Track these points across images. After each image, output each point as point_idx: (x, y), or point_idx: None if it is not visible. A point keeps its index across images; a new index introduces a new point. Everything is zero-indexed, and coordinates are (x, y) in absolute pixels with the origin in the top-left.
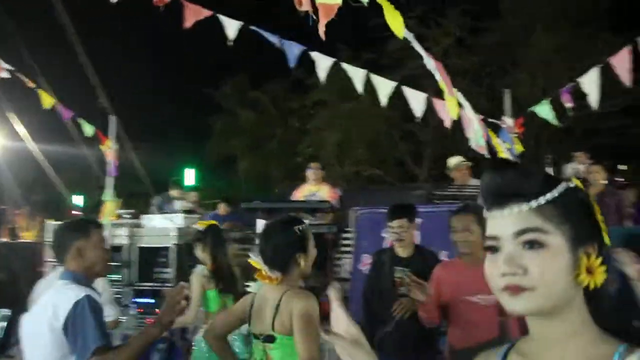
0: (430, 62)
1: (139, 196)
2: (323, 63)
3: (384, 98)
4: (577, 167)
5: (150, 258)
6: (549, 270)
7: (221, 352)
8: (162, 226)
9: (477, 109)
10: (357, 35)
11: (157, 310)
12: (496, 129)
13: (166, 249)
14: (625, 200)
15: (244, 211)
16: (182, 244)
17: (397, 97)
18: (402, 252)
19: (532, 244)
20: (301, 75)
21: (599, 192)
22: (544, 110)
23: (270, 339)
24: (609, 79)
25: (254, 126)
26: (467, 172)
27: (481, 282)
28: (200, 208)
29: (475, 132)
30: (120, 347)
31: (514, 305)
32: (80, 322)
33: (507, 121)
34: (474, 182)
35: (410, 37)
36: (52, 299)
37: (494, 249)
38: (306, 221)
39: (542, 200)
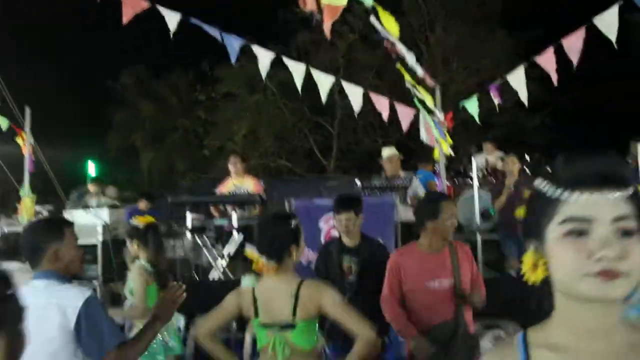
0: (412, 59)
1: (46, 193)
2: (264, 57)
3: (323, 94)
4: (486, 157)
5: None
6: (639, 257)
7: (220, 353)
8: (86, 222)
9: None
10: (263, 27)
11: None
12: None
13: (93, 246)
14: None
15: (168, 206)
16: (109, 240)
17: (306, 90)
18: (349, 242)
19: (627, 232)
20: (206, 67)
21: (515, 181)
22: (472, 106)
23: (289, 326)
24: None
25: (155, 118)
26: (398, 163)
27: (439, 267)
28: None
29: (431, 126)
30: (132, 343)
31: (607, 291)
32: (94, 320)
33: (439, 116)
34: (403, 173)
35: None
36: (53, 300)
37: (579, 233)
38: (234, 214)
39: (632, 189)
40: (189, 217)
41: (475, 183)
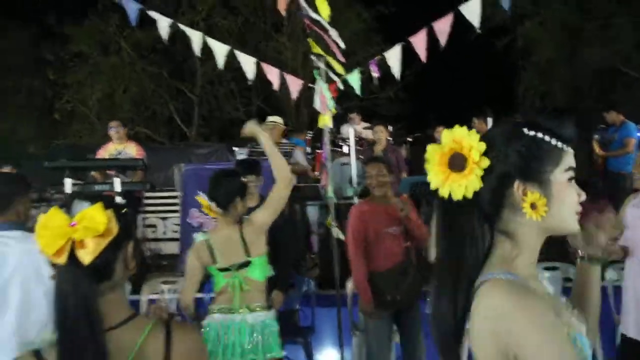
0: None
1: None
2: (162, 23)
3: (220, 60)
4: (354, 127)
5: None
6: None
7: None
8: None
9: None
10: None
11: None
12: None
13: None
14: (402, 156)
15: (43, 170)
16: None
17: (164, 54)
18: (249, 203)
19: None
20: (52, 23)
21: (383, 148)
22: (354, 79)
23: (246, 264)
24: None
25: None
26: (280, 131)
27: (392, 216)
28: None
29: (326, 96)
30: None
31: (577, 225)
32: None
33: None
34: (285, 140)
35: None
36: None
37: (573, 179)
38: (117, 179)
39: None
40: (68, 182)
41: (353, 150)
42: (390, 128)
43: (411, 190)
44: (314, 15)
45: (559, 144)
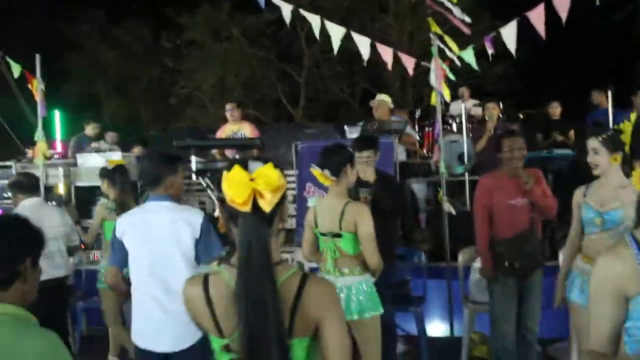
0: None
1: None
2: (285, 9)
3: (336, 42)
4: (463, 104)
5: (88, 196)
6: None
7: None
8: (99, 165)
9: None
10: None
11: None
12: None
13: None
14: None
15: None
16: None
17: (272, 38)
18: (363, 176)
19: None
20: (171, 13)
21: (494, 126)
22: (469, 56)
23: (338, 235)
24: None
25: (117, 66)
26: (386, 108)
27: (517, 188)
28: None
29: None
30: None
31: None
32: (209, 233)
33: (433, 63)
34: (394, 118)
35: None
36: (183, 216)
37: None
38: (236, 157)
39: None
40: (194, 159)
41: (464, 127)
42: (500, 105)
43: (526, 166)
44: None
45: None
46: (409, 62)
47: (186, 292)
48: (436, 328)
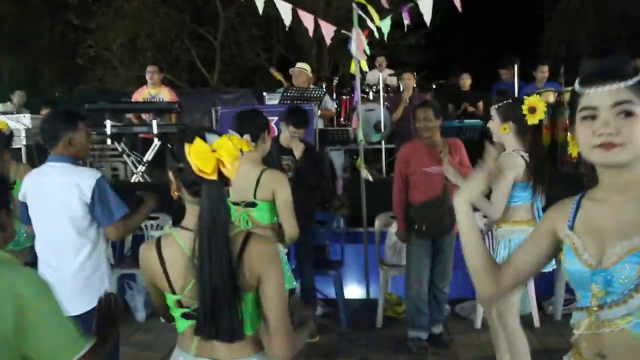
0: None
1: None
2: None
3: (260, 6)
4: (380, 73)
5: None
6: (637, 132)
7: None
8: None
9: None
10: None
11: None
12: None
13: (17, 149)
14: None
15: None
16: (32, 145)
17: None
18: (286, 144)
19: (626, 113)
20: None
21: (411, 95)
22: (386, 26)
23: (252, 204)
24: None
25: (15, 21)
26: (307, 77)
27: (434, 157)
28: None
29: (364, 43)
30: (132, 216)
31: (606, 157)
32: (104, 195)
33: (354, 32)
34: (312, 87)
35: None
36: (73, 178)
37: (590, 117)
38: (154, 121)
39: (635, 80)
40: (109, 123)
41: (381, 96)
42: (415, 75)
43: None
44: None
45: (577, 88)
46: (328, 31)
47: (142, 254)
48: (353, 291)
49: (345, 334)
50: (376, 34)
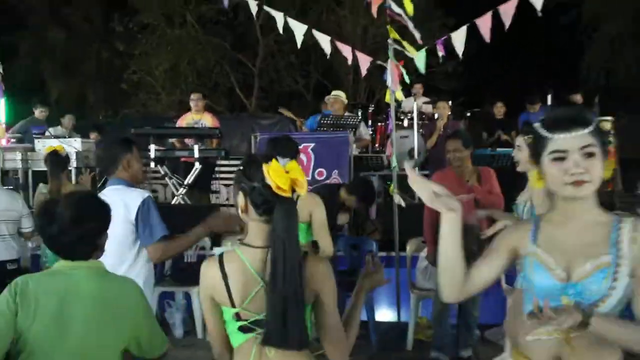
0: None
1: None
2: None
3: (299, 40)
4: (415, 102)
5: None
6: (598, 170)
7: None
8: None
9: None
10: None
11: None
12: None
13: (68, 171)
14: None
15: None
16: (81, 167)
17: (225, 27)
18: None
19: (590, 154)
20: None
21: (445, 124)
22: (420, 58)
23: None
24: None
25: (66, 46)
26: (343, 105)
27: (462, 185)
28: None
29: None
30: (175, 238)
31: (577, 192)
32: (148, 214)
33: (389, 64)
34: (347, 114)
35: None
36: (121, 198)
37: (561, 159)
38: (196, 146)
39: (593, 125)
40: (153, 147)
41: (415, 124)
42: (450, 103)
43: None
44: (397, 10)
45: (546, 133)
46: (364, 61)
47: (203, 271)
48: (384, 314)
49: (375, 355)
50: (415, 63)
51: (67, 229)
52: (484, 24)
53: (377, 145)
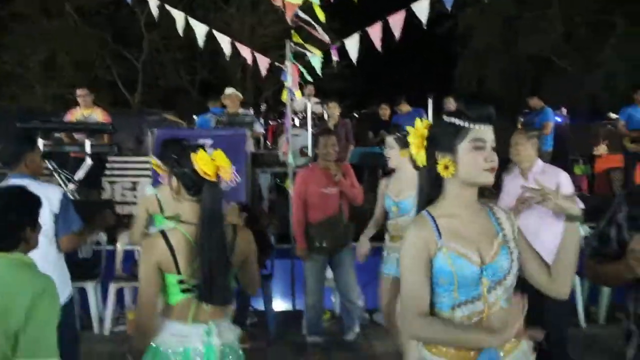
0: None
1: None
2: None
3: (200, 40)
4: (306, 101)
5: None
6: None
7: None
8: None
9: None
10: None
11: None
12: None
13: None
14: (350, 129)
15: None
16: None
17: (106, 19)
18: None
19: (493, 148)
20: None
21: (335, 123)
22: (316, 62)
23: None
24: None
25: None
26: (238, 101)
27: (329, 179)
28: None
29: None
30: (81, 232)
31: (490, 178)
32: (68, 208)
33: (287, 65)
34: (242, 110)
35: None
36: (41, 192)
37: (482, 148)
38: (87, 141)
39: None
40: (41, 142)
41: (309, 122)
42: (339, 104)
43: (360, 160)
44: (302, 15)
45: (466, 124)
46: (263, 62)
47: (150, 245)
48: (282, 300)
49: (272, 340)
50: (305, 74)
51: None
52: (375, 33)
53: (269, 143)
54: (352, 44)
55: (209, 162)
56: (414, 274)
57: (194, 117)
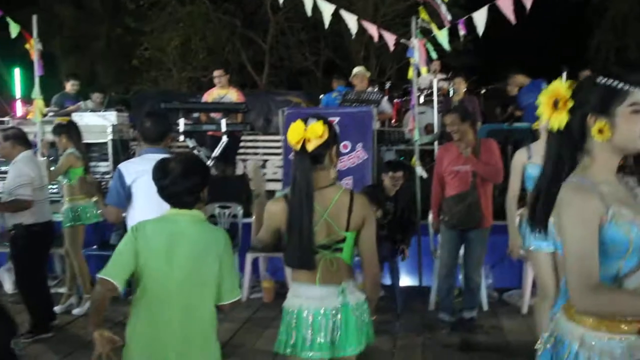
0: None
1: None
2: None
3: (327, 20)
4: (431, 78)
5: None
6: None
7: None
8: (98, 123)
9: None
10: None
11: None
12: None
13: (104, 144)
14: (477, 105)
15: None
16: (117, 139)
17: (234, 3)
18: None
19: None
20: None
21: (461, 99)
22: (444, 37)
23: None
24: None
25: (75, 24)
26: (366, 80)
27: (461, 157)
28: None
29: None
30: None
31: None
32: None
33: (414, 42)
34: (370, 89)
35: None
36: None
37: (639, 112)
38: (223, 120)
39: None
40: (182, 121)
41: (435, 99)
42: (465, 80)
43: (487, 137)
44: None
45: (625, 87)
46: (390, 39)
47: (271, 206)
48: (409, 276)
49: (400, 315)
50: (439, 41)
51: (177, 181)
52: (506, 5)
53: (394, 120)
54: (480, 17)
55: (297, 132)
56: (585, 244)
57: (320, 96)
